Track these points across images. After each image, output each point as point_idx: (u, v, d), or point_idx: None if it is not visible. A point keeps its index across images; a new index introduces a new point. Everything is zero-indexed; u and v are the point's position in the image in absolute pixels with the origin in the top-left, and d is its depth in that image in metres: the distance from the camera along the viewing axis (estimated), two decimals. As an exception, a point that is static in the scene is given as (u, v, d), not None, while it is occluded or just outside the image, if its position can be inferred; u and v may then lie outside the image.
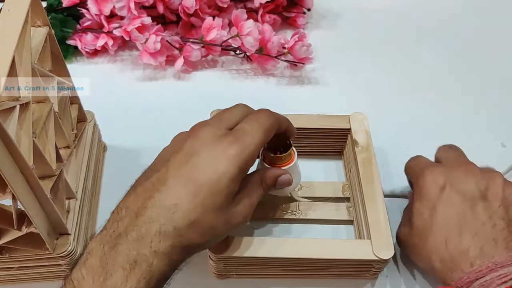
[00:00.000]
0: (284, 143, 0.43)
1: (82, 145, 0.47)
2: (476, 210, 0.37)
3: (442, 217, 0.38)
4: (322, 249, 0.41)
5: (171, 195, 0.33)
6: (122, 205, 0.35)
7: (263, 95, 0.62)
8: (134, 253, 0.31)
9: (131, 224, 0.33)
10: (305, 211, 0.48)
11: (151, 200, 0.33)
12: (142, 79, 0.64)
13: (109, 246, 0.32)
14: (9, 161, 0.31)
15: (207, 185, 0.34)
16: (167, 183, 0.34)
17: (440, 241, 0.37)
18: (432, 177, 0.40)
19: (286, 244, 0.41)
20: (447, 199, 0.38)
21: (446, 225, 0.37)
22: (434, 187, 0.39)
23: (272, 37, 0.62)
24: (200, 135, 0.36)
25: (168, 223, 0.33)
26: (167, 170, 0.35)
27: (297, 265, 0.42)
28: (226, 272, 0.44)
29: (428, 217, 0.39)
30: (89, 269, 0.31)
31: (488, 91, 0.64)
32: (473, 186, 0.38)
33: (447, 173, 0.40)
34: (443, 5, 0.77)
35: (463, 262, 0.35)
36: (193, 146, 0.35)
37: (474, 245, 0.35)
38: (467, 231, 0.36)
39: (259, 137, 0.36)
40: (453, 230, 0.36)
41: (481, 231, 0.36)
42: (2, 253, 0.38)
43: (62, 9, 0.65)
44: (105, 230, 0.33)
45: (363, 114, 0.51)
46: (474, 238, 0.35)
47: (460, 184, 0.39)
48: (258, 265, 0.43)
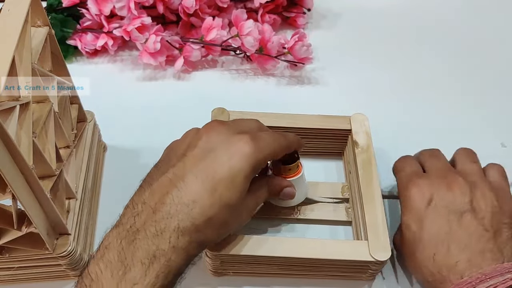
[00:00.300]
0: (292, 155, 0.44)
1: (82, 145, 0.47)
2: (462, 223, 0.37)
3: (429, 231, 0.38)
4: (318, 249, 0.41)
5: (190, 191, 0.34)
6: (138, 200, 0.35)
7: (263, 95, 0.62)
8: (153, 248, 0.32)
9: (149, 219, 0.33)
10: (304, 211, 0.48)
11: (169, 195, 0.34)
12: (142, 79, 0.64)
13: (127, 241, 0.32)
14: (9, 161, 0.31)
15: (224, 182, 0.34)
16: (185, 179, 0.34)
17: (428, 255, 0.37)
18: (418, 190, 0.40)
19: (283, 243, 0.41)
20: (434, 212, 0.39)
21: (433, 239, 0.38)
22: (420, 200, 0.40)
23: (272, 37, 0.62)
24: (217, 132, 0.37)
25: (186, 219, 0.33)
26: (184, 165, 0.35)
27: (294, 264, 0.42)
28: (223, 270, 0.44)
29: (416, 230, 0.39)
30: (107, 263, 0.31)
31: (488, 91, 0.64)
32: (458, 198, 0.39)
33: (432, 185, 0.40)
34: (443, 5, 0.77)
35: (452, 274, 0.35)
36: (209, 143, 0.36)
37: (462, 258, 0.35)
38: (455, 244, 0.36)
39: (273, 147, 0.38)
40: (441, 244, 0.37)
41: (468, 244, 0.36)
42: (2, 253, 0.38)
43: (62, 9, 0.65)
44: (121, 225, 0.34)
45: (364, 115, 0.51)
46: (462, 251, 0.36)
47: (445, 197, 0.39)
48: (255, 264, 0.43)
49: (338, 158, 0.54)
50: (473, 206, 0.38)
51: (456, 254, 0.36)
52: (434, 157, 0.45)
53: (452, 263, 0.36)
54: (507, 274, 0.33)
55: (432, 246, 0.37)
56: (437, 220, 0.38)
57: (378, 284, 0.45)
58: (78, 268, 0.42)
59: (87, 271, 0.32)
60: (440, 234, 0.37)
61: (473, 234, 0.37)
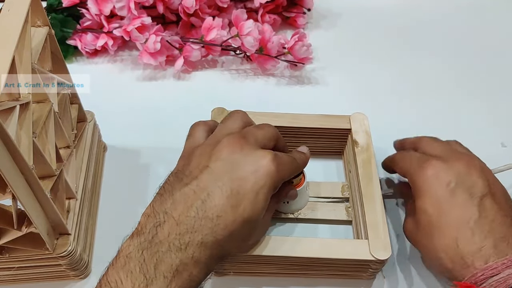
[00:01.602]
0: None
1: (82, 145, 0.47)
2: (484, 207, 0.36)
3: (449, 215, 0.37)
4: (319, 249, 0.41)
5: (214, 205, 0.34)
6: (159, 209, 0.34)
7: (263, 95, 0.62)
8: (177, 261, 0.32)
9: (173, 231, 0.33)
10: (304, 211, 0.48)
11: (193, 208, 0.33)
12: (142, 79, 0.64)
13: (150, 253, 0.32)
14: (9, 161, 0.31)
15: (248, 198, 0.34)
16: (209, 192, 0.34)
17: (450, 241, 0.36)
18: (435, 172, 0.39)
19: (283, 243, 0.41)
20: (453, 196, 0.37)
21: (455, 224, 0.36)
22: (437, 182, 0.38)
23: (272, 37, 0.62)
24: (240, 145, 0.36)
25: (210, 234, 0.33)
26: (208, 178, 0.35)
27: (294, 264, 0.42)
28: (223, 270, 0.44)
29: (434, 214, 0.38)
30: (128, 273, 0.31)
31: (488, 90, 0.64)
32: (479, 182, 0.37)
33: (449, 168, 0.39)
34: (443, 5, 0.77)
35: (476, 260, 0.34)
36: (233, 156, 0.35)
37: (487, 244, 0.34)
38: (478, 230, 0.35)
39: (290, 169, 0.39)
40: (464, 229, 0.36)
41: (491, 229, 0.35)
42: (2, 253, 0.38)
43: (62, 9, 0.65)
44: (142, 235, 0.33)
45: (363, 114, 0.51)
46: (486, 237, 0.35)
47: (465, 181, 0.38)
48: (255, 263, 0.43)
49: (338, 157, 0.54)
50: (492, 190, 0.37)
51: (481, 240, 0.35)
52: (438, 140, 0.44)
53: (476, 249, 0.35)
54: None
55: (453, 232, 0.36)
56: (458, 204, 0.37)
57: (379, 283, 0.45)
58: (78, 268, 0.42)
59: (106, 279, 0.32)
60: (463, 219, 0.36)
61: (495, 219, 0.36)
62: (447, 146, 0.43)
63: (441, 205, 0.38)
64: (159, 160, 0.54)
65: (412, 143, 0.46)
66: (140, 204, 0.50)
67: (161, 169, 0.53)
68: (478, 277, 0.33)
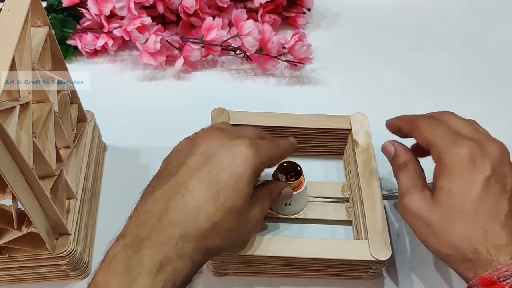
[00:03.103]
0: (295, 168, 0.45)
1: (82, 145, 0.47)
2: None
3: (480, 205, 0.34)
4: (319, 249, 0.41)
5: (194, 197, 0.34)
6: (141, 210, 0.34)
7: (263, 95, 0.62)
8: (160, 256, 0.32)
9: (155, 228, 0.33)
10: (304, 211, 0.48)
11: (172, 202, 0.33)
12: (142, 79, 0.64)
13: (133, 250, 0.32)
14: (9, 161, 0.31)
15: (228, 186, 0.34)
16: (188, 185, 0.34)
17: (478, 232, 0.34)
18: (470, 154, 0.35)
19: (284, 243, 0.41)
20: (487, 185, 0.35)
21: (485, 215, 0.34)
22: (471, 166, 0.35)
23: (272, 37, 0.62)
24: (216, 137, 0.36)
25: (192, 226, 0.33)
26: (186, 172, 0.35)
27: (294, 264, 0.42)
28: (223, 270, 0.44)
29: (461, 200, 0.35)
30: (114, 273, 0.31)
31: (488, 90, 0.64)
32: (509, 175, 0.36)
33: (485, 153, 0.36)
34: (443, 5, 0.77)
35: (501, 255, 0.33)
36: (209, 148, 0.36)
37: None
38: (507, 224, 0.34)
39: (271, 153, 0.38)
40: (493, 222, 0.34)
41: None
42: (2, 253, 0.38)
43: (62, 9, 0.65)
44: (127, 236, 0.33)
45: (363, 115, 0.51)
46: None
47: (499, 170, 0.35)
48: (256, 264, 0.43)
49: (338, 157, 0.54)
50: None
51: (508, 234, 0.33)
52: (462, 118, 0.40)
53: (503, 243, 0.33)
54: None
55: (484, 222, 0.34)
56: (490, 194, 0.35)
57: (379, 283, 0.45)
58: (78, 268, 0.42)
59: (94, 281, 0.32)
60: (494, 211, 0.34)
61: None
62: (474, 126, 0.40)
63: (471, 191, 0.35)
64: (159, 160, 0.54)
65: (431, 117, 0.41)
66: (140, 204, 0.50)
67: (161, 169, 0.53)
68: (501, 272, 0.32)
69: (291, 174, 0.45)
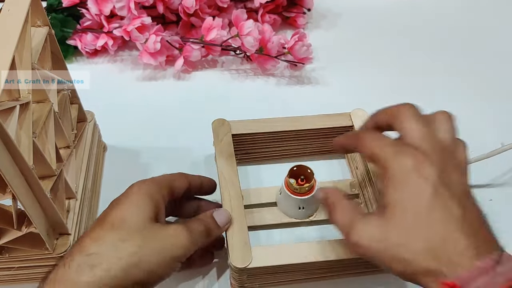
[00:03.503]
0: (305, 172, 0.45)
1: (82, 145, 0.47)
2: (465, 206, 0.35)
3: (433, 213, 0.34)
4: (344, 249, 0.40)
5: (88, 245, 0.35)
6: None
7: (263, 95, 0.62)
8: None
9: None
10: (318, 212, 0.48)
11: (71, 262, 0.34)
12: (142, 79, 0.64)
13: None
14: (9, 161, 0.31)
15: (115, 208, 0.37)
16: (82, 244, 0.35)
17: (437, 240, 0.33)
18: (415, 163, 0.35)
19: (308, 248, 0.41)
20: (436, 193, 0.34)
21: (440, 222, 0.34)
22: (418, 176, 0.34)
23: (272, 37, 0.62)
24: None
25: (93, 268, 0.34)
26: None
27: (321, 268, 0.42)
28: (249, 284, 0.43)
29: (415, 212, 0.34)
30: None
31: (488, 90, 0.64)
32: (458, 179, 0.35)
33: (430, 160, 0.35)
34: (443, 5, 0.77)
35: (463, 260, 0.32)
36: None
37: (473, 243, 0.33)
38: (463, 229, 0.34)
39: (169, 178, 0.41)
40: (450, 229, 0.34)
41: (474, 229, 0.34)
42: (2, 253, 0.38)
43: (62, 9, 0.65)
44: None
45: (363, 110, 0.51)
46: (470, 236, 0.33)
47: (445, 177, 0.35)
48: (281, 273, 0.42)
49: (340, 155, 0.54)
50: (466, 187, 0.36)
51: (466, 239, 0.33)
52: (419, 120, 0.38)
53: (463, 248, 0.33)
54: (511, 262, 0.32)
55: (440, 229, 0.33)
56: (441, 201, 0.34)
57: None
58: (78, 268, 0.42)
59: None
60: (449, 217, 0.34)
61: (476, 218, 0.34)
62: (428, 131, 0.38)
63: (423, 201, 0.34)
64: (159, 160, 0.54)
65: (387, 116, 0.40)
66: (140, 204, 0.50)
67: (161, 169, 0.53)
68: (465, 278, 0.32)
69: (301, 177, 0.45)
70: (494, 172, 0.54)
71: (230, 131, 0.49)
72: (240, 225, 0.41)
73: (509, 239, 0.36)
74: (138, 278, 0.35)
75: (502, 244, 0.34)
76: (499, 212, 0.50)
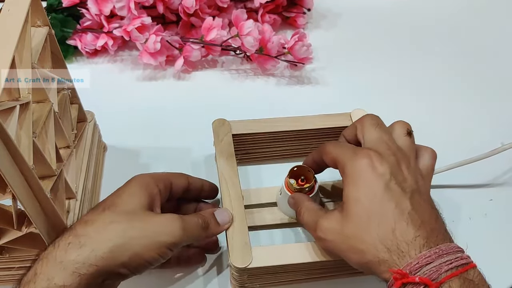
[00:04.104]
0: (305, 172, 0.45)
1: (82, 145, 0.47)
2: (415, 201, 0.37)
3: (385, 206, 0.37)
4: None
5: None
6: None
7: (263, 95, 0.62)
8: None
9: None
10: None
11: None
12: (142, 79, 0.64)
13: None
14: (9, 161, 0.31)
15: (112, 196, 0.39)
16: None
17: (387, 230, 0.36)
18: (369, 162, 0.38)
19: (309, 248, 0.41)
20: (388, 188, 0.37)
21: (391, 215, 0.36)
22: (372, 172, 0.37)
23: (272, 37, 0.62)
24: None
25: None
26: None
27: (321, 268, 0.42)
28: (250, 284, 0.43)
29: (369, 205, 0.37)
30: None
31: (488, 90, 0.64)
32: (409, 178, 0.38)
33: (383, 160, 0.38)
34: (443, 5, 0.77)
35: (411, 249, 0.35)
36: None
37: (421, 234, 0.35)
38: (412, 221, 0.36)
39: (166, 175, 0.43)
40: (400, 221, 0.36)
41: (423, 221, 0.36)
42: (2, 253, 0.38)
43: (62, 9, 0.65)
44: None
45: (363, 110, 0.51)
46: (419, 228, 0.36)
47: (397, 175, 0.38)
48: (282, 273, 0.42)
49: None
50: (419, 186, 0.38)
51: (415, 231, 0.35)
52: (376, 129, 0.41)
53: (411, 239, 0.35)
54: (458, 253, 0.34)
55: (390, 221, 0.36)
56: (392, 195, 0.37)
57: None
58: (78, 268, 0.42)
59: None
60: (398, 210, 0.36)
61: (425, 212, 0.37)
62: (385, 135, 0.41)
63: (375, 195, 0.37)
64: (159, 160, 0.54)
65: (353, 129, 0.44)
66: (140, 204, 0.50)
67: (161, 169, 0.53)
68: (412, 266, 0.34)
69: (301, 178, 0.45)
70: (494, 172, 0.54)
71: (230, 131, 0.49)
72: (240, 225, 0.41)
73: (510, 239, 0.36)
74: (125, 260, 0.35)
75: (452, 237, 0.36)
76: (499, 212, 0.51)
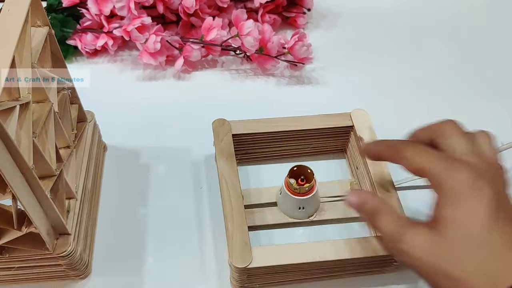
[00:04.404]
0: (305, 172, 0.45)
1: (82, 145, 0.47)
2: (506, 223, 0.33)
3: (490, 234, 0.32)
4: (344, 249, 0.41)
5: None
6: None
7: (263, 95, 0.62)
8: None
9: None
10: (318, 212, 0.48)
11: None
12: (142, 79, 0.64)
13: None
14: (9, 161, 0.31)
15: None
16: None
17: (498, 265, 0.32)
18: (469, 177, 0.34)
19: (308, 248, 0.41)
20: (493, 211, 0.33)
21: (499, 245, 0.32)
22: (478, 194, 0.33)
23: (272, 37, 0.62)
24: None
25: None
26: None
27: (321, 268, 0.42)
28: (249, 283, 0.43)
29: (470, 229, 0.33)
30: None
31: (488, 90, 0.64)
32: (510, 202, 0.34)
33: (483, 175, 0.34)
34: (443, 5, 0.77)
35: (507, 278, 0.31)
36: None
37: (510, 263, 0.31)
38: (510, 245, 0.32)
39: None
40: (499, 247, 0.32)
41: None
42: (2, 253, 0.38)
43: (62, 9, 0.65)
44: None
45: (363, 110, 0.51)
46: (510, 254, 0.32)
47: (501, 196, 0.34)
48: (281, 273, 0.42)
49: (339, 155, 0.54)
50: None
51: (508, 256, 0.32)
52: (463, 135, 0.37)
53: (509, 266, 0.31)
54: None
55: (498, 253, 0.32)
56: (499, 220, 0.33)
57: (402, 275, 0.45)
58: (78, 268, 0.42)
59: None
60: (509, 240, 0.32)
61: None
62: (475, 147, 0.37)
63: (478, 219, 0.32)
64: (159, 160, 0.54)
65: (430, 132, 0.39)
66: (140, 204, 0.50)
67: (161, 169, 0.53)
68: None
69: (301, 178, 0.45)
70: (494, 172, 0.54)
71: (230, 131, 0.49)
72: (240, 225, 0.41)
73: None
74: None
75: None
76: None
